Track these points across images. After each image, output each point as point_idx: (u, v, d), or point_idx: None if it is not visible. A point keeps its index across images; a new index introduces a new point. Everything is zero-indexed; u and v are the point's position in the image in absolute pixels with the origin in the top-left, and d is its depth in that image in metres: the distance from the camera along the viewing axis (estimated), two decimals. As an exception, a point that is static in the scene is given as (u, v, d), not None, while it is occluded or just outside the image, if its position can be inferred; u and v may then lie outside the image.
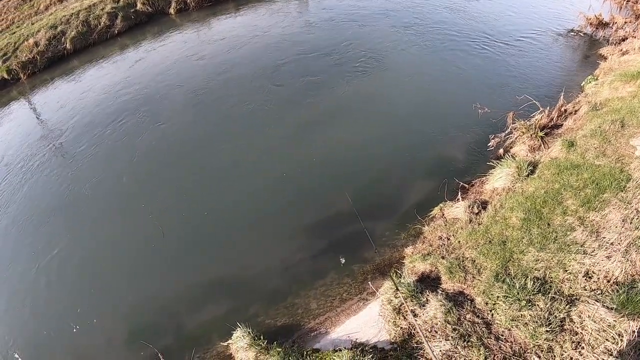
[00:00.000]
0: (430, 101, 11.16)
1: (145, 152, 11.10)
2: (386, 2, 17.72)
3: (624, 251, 5.69)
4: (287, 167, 9.56)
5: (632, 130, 8.05)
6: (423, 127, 10.17)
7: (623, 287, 5.25)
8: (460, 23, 15.37)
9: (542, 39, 13.94)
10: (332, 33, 15.44)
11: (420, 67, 12.71)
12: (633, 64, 11.21)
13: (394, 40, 14.34)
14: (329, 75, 12.67)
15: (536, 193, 7.13)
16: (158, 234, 8.71)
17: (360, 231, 7.53)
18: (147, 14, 20.42)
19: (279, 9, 18.84)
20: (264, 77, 13.06)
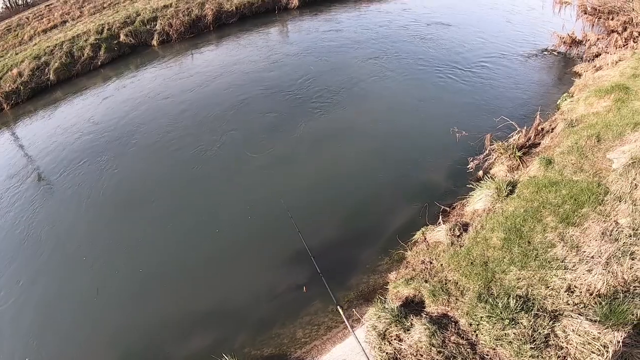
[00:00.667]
0: (408, 129, 11.40)
1: (102, 196, 11.04)
2: (358, 33, 18.58)
3: (605, 263, 5.64)
4: (267, 198, 9.64)
5: (608, 144, 8.22)
6: (402, 155, 10.32)
7: (606, 299, 5.17)
8: (432, 51, 15.96)
9: (516, 61, 14.46)
10: (307, 65, 15.85)
11: (395, 96, 13.05)
12: (607, 79, 11.60)
13: (369, 70, 14.82)
14: (298, 109, 12.94)
15: (516, 212, 7.13)
16: (136, 269, 8.64)
17: (344, 258, 7.62)
18: (130, 46, 20.96)
19: (259, 39, 19.57)
20: (226, 117, 13.20)
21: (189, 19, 21.81)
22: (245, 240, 8.74)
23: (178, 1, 23.09)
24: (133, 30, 21.03)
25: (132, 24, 21.39)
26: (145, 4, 23.75)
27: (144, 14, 22.02)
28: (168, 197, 10.38)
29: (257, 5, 23.49)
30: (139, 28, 21.24)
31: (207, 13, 22.08)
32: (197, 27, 21.91)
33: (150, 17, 21.85)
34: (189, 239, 9.08)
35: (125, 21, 21.58)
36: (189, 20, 21.79)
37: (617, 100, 10.20)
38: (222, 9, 22.53)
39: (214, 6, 22.36)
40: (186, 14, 22.00)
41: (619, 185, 7.15)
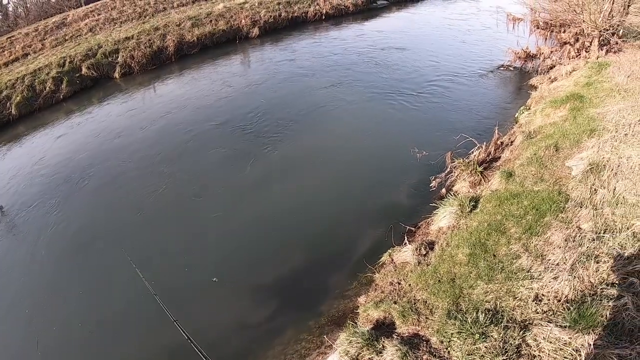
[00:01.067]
0: (368, 153, 11.42)
1: (47, 246, 10.20)
2: (314, 62, 18.76)
3: (570, 269, 5.68)
4: (233, 233, 9.33)
5: (567, 152, 8.39)
6: (364, 180, 10.32)
7: (574, 304, 5.19)
8: (388, 75, 16.26)
9: (473, 79, 14.82)
10: (263, 96, 15.85)
11: (353, 123, 13.12)
12: (562, 89, 11.95)
13: (326, 99, 14.91)
14: (253, 142, 12.77)
15: (480, 227, 7.13)
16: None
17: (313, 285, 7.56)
18: (92, 79, 20.51)
19: (217, 71, 19.52)
20: (175, 155, 12.68)
21: (150, 50, 21.66)
22: (198, 284, 8.38)
23: (140, 33, 22.94)
24: (95, 63, 20.72)
25: (94, 57, 21.07)
26: (107, 36, 23.53)
27: (106, 46, 21.77)
28: (112, 244, 9.62)
29: (218, 36, 23.58)
30: (101, 60, 20.96)
31: (168, 44, 22.01)
32: (159, 59, 21.75)
33: (112, 49, 21.60)
34: (133, 289, 8.14)
35: (87, 54, 21.26)
36: (151, 52, 21.63)
37: (572, 109, 10.48)
38: (183, 39, 22.50)
39: (175, 37, 22.30)
40: (148, 45, 21.86)
41: (579, 191, 7.28)
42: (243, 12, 25.02)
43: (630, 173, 7.46)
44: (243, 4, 26.39)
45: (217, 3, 27.22)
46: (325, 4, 27.47)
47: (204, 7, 26.70)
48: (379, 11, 28.71)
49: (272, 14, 25.47)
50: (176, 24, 23.68)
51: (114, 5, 28.38)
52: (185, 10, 26.77)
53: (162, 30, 23.03)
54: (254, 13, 25.19)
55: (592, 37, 15.57)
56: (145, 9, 27.40)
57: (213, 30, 23.52)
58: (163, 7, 27.80)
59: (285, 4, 26.80)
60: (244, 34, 24.25)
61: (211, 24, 23.92)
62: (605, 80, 12.11)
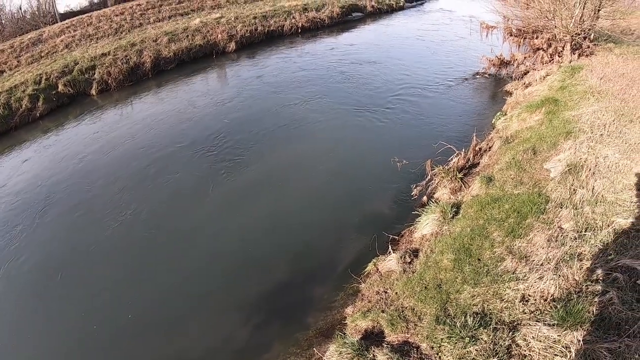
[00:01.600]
0: (348, 165, 11.40)
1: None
2: (289, 77, 18.69)
3: (555, 268, 5.73)
4: (213, 253, 9.08)
5: (544, 155, 8.53)
6: (345, 191, 10.27)
7: (561, 302, 5.24)
8: (364, 88, 16.34)
9: (449, 87, 15.01)
10: (235, 114, 15.56)
11: (332, 136, 13.06)
12: (537, 94, 12.20)
13: (302, 113, 14.77)
14: (240, 154, 12.54)
15: (463, 232, 7.17)
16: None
17: (300, 299, 7.42)
18: (68, 96, 19.97)
19: (191, 87, 19.28)
20: (140, 182, 11.97)
21: (127, 66, 21.36)
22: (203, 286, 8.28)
23: (116, 49, 22.64)
24: (71, 80, 20.27)
25: (71, 73, 20.63)
26: (83, 52, 23.17)
27: (82, 63, 21.38)
28: (70, 279, 9.02)
29: (195, 51, 23.45)
30: (78, 77, 20.55)
31: (145, 60, 21.78)
32: (136, 75, 21.45)
33: (89, 65, 21.22)
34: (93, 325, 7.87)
35: (64, 70, 20.81)
36: (128, 68, 21.33)
37: (548, 113, 10.69)
38: (160, 55, 22.29)
39: (152, 53, 22.09)
40: (124, 61, 21.57)
41: (559, 192, 7.39)
42: (219, 27, 24.96)
43: (607, 172, 7.63)
44: (219, 19, 26.38)
45: (194, 18, 27.16)
46: (301, 17, 27.66)
47: (181, 23, 26.58)
48: (355, 23, 29.06)
49: (248, 28, 25.49)
50: (153, 39, 23.48)
51: (90, 21, 28.03)
52: (162, 25, 26.60)
53: (139, 46, 22.78)
54: (230, 28, 25.16)
55: (564, 42, 15.97)
56: (122, 25, 27.13)
57: (190, 45, 23.40)
58: (139, 23, 27.57)
59: (261, 18, 26.88)
60: (221, 48, 24.19)
61: (188, 39, 23.79)
62: (578, 83, 12.40)
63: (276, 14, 27.84)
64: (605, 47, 16.01)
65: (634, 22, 20.71)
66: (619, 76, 12.52)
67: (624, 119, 9.60)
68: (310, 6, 29.43)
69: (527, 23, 18.49)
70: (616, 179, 7.41)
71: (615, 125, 9.31)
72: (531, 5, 17.83)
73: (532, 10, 17.62)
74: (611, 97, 10.92)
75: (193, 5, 30.92)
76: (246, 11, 28.62)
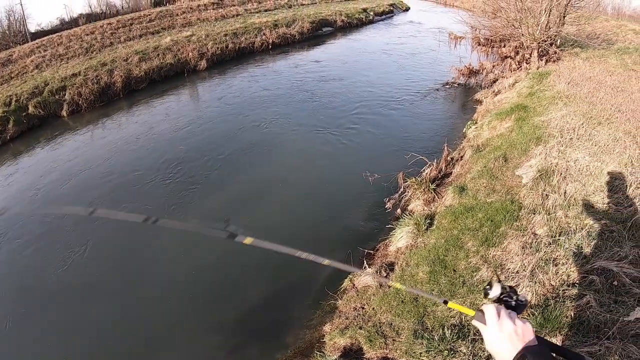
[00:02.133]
0: (320, 181, 11.30)
1: None
2: (266, 94, 18.53)
3: (530, 275, 5.68)
4: (184, 277, 8.78)
5: (516, 162, 8.57)
6: (318, 208, 10.13)
7: (538, 309, 5.16)
8: (332, 104, 16.24)
9: (420, 99, 15.11)
10: (217, 132, 15.33)
11: (305, 149, 12.99)
12: (506, 101, 12.36)
13: (279, 125, 14.71)
14: (204, 178, 12.20)
15: (437, 244, 7.10)
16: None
17: (276, 319, 7.24)
18: (39, 117, 19.30)
19: (166, 107, 18.96)
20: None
21: (98, 87, 20.97)
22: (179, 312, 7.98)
23: (87, 69, 22.24)
24: (42, 101, 19.72)
25: (41, 95, 20.16)
26: (54, 72, 22.67)
27: (53, 84, 20.89)
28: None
29: (165, 69, 23.21)
30: (48, 98, 20.01)
31: (116, 80, 21.43)
32: (107, 95, 21.02)
33: (59, 86, 20.73)
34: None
35: (34, 91, 20.26)
36: (99, 88, 20.93)
37: (518, 120, 10.80)
38: (131, 74, 21.98)
39: (123, 72, 21.77)
40: (95, 81, 21.17)
41: (531, 198, 7.40)
42: (190, 45, 24.84)
43: (579, 175, 7.68)
44: (190, 37, 26.25)
45: (165, 36, 26.96)
46: (271, 33, 27.76)
47: (151, 41, 26.35)
48: (325, 38, 29.31)
49: (219, 45, 25.43)
50: (124, 58, 23.19)
51: (60, 41, 27.51)
52: (133, 44, 26.32)
53: (110, 66, 22.46)
54: (201, 45, 25.06)
55: (531, 49, 16.30)
56: (92, 44, 26.71)
57: (161, 64, 23.18)
58: (110, 42, 27.20)
59: (232, 36, 26.85)
60: (192, 67, 24.04)
61: (159, 57, 23.57)
62: (547, 89, 12.61)
63: (247, 30, 27.87)
64: (572, 52, 16.40)
65: (599, 27, 21.39)
66: (586, 80, 12.79)
67: (593, 121, 9.75)
68: (281, 22, 29.60)
69: (494, 32, 18.89)
70: (587, 181, 7.46)
71: (584, 129, 9.44)
72: (498, 14, 18.21)
73: (499, 19, 18.00)
74: (579, 101, 11.11)
75: (164, 23, 30.74)
76: (217, 29, 28.59)
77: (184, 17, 32.55)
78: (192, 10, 34.88)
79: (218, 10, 35.43)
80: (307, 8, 38.69)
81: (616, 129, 9.21)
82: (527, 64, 16.45)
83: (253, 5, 38.33)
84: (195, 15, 33.48)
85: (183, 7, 35.45)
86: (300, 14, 33.65)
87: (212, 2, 38.17)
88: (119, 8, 41.17)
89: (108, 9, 40.46)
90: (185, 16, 32.97)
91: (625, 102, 10.74)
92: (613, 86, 12.07)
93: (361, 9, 38.33)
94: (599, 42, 17.36)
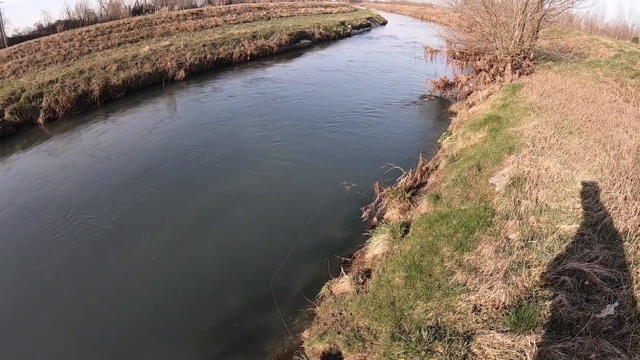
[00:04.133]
0: (295, 191, 11.43)
1: None
2: (241, 104, 18.79)
3: (504, 277, 5.83)
4: (158, 287, 8.65)
5: (489, 171, 8.81)
6: (294, 217, 10.20)
7: (512, 309, 5.31)
8: (308, 116, 16.55)
9: (396, 111, 15.41)
10: (193, 140, 15.39)
11: (282, 160, 13.09)
12: (480, 112, 12.66)
13: (256, 136, 14.82)
14: (181, 186, 12.22)
15: (413, 250, 7.23)
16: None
17: (255, 326, 7.33)
18: (15, 124, 18.92)
19: (143, 116, 18.91)
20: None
21: (75, 94, 20.72)
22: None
23: (64, 76, 21.97)
24: (18, 108, 19.36)
25: (17, 101, 19.78)
26: (31, 79, 22.27)
27: (30, 90, 20.51)
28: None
29: (144, 79, 23.17)
30: (25, 105, 19.63)
31: (93, 88, 21.23)
32: (84, 103, 20.81)
33: (36, 93, 20.39)
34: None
35: (10, 97, 19.89)
36: (76, 96, 20.68)
37: (491, 130, 11.07)
38: (109, 83, 21.82)
39: (100, 81, 21.59)
40: (72, 89, 20.92)
41: (504, 205, 7.60)
42: (169, 55, 24.89)
43: (550, 182, 7.93)
44: (169, 47, 26.29)
45: (143, 46, 26.90)
46: (250, 45, 27.97)
47: (130, 50, 26.26)
48: (303, 50, 29.71)
49: (197, 56, 25.57)
50: (101, 67, 23.03)
51: (38, 47, 27.14)
52: (111, 52, 26.18)
53: (87, 74, 22.27)
54: (179, 55, 25.16)
55: (505, 62, 16.77)
56: (70, 51, 26.41)
57: (139, 73, 23.12)
58: (88, 50, 26.97)
59: (210, 46, 26.99)
60: (170, 76, 24.09)
61: (137, 66, 23.50)
62: (519, 100, 12.97)
63: (225, 41, 28.05)
64: (545, 65, 16.90)
65: (571, 41, 22.10)
66: (558, 92, 13.19)
67: (564, 131, 10.07)
68: (259, 34, 29.86)
69: (469, 46, 19.38)
70: (558, 188, 7.69)
71: (556, 138, 9.75)
72: (473, 28, 18.69)
73: (474, 33, 18.47)
74: (551, 112, 11.45)
75: (142, 32, 30.68)
76: (195, 39, 28.74)
77: (163, 27, 32.58)
78: (171, 19, 34.91)
79: (197, 21, 35.57)
80: (285, 20, 39.19)
81: (587, 137, 9.54)
82: (500, 77, 16.90)
83: (232, 17, 38.60)
84: (175, 25, 33.55)
85: (162, 17, 35.47)
86: (278, 26, 34.06)
87: (192, 13, 38.32)
88: (97, 15, 40.79)
89: (87, 16, 40.04)
90: (164, 25, 33.02)
91: (596, 112, 11.12)
92: (584, 97, 12.48)
93: (339, 22, 38.98)
94: (571, 55, 17.96)
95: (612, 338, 4.69)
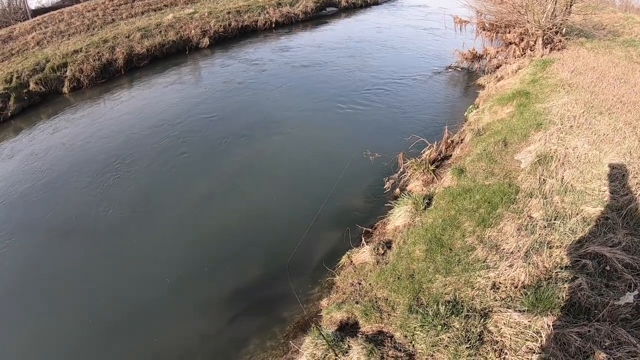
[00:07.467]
0: (321, 159, 11.43)
1: None
2: (269, 71, 18.61)
3: (524, 256, 5.81)
4: (184, 249, 8.95)
5: (515, 147, 8.67)
6: (318, 185, 10.22)
7: (531, 289, 5.32)
8: (335, 83, 16.38)
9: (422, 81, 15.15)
10: (218, 105, 15.46)
11: (303, 131, 13.06)
12: (508, 87, 12.38)
13: (281, 104, 14.77)
14: (212, 150, 12.40)
15: (435, 223, 7.24)
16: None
17: (276, 293, 7.43)
18: (40, 94, 19.37)
19: (169, 84, 18.94)
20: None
21: (99, 63, 20.89)
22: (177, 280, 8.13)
23: (88, 45, 22.11)
24: (43, 78, 19.65)
25: (42, 71, 20.09)
26: (55, 49, 22.52)
27: (54, 60, 20.78)
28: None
29: (168, 47, 23.11)
30: (49, 75, 19.94)
31: (118, 57, 21.34)
32: (108, 72, 20.99)
33: (61, 63, 20.63)
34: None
35: (35, 68, 20.19)
36: (100, 65, 20.85)
37: (519, 106, 10.84)
38: (133, 51, 21.87)
39: (124, 49, 21.66)
40: (97, 58, 21.08)
41: (529, 182, 7.51)
42: (193, 22, 24.68)
43: (577, 162, 7.77)
44: (193, 14, 26.06)
45: (167, 13, 26.77)
46: (274, 12, 27.54)
47: (153, 18, 26.17)
48: (328, 18, 29.09)
49: (222, 23, 25.25)
50: (125, 35, 23.05)
51: (61, 18, 27.27)
52: (135, 21, 26.13)
53: (111, 43, 22.33)
54: (203, 23, 24.90)
55: (536, 37, 16.24)
56: (94, 21, 26.52)
57: (163, 41, 23.04)
58: (112, 19, 27.02)
59: (235, 14, 26.65)
60: (194, 44, 23.94)
61: (161, 34, 23.42)
62: (549, 76, 12.62)
63: (250, 9, 27.63)
64: (577, 41, 16.33)
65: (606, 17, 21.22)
66: (590, 70, 12.78)
67: (594, 110, 9.80)
68: (284, 1, 29.30)
69: (499, 18, 18.77)
70: (585, 168, 7.55)
71: (585, 117, 9.50)
72: (504, 0, 18.10)
73: (505, 5, 17.91)
74: (581, 90, 11.13)
75: (166, 0, 30.44)
76: (220, 6, 28.34)
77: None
78: (195, -13, 34.52)
79: (221, -13, 35.09)
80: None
81: (617, 119, 9.26)
82: (531, 51, 16.40)
83: (257, -17, 37.95)
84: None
85: (186, -16, 35.10)
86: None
87: (216, -21, 37.84)
88: (121, -16, 40.56)
89: (110, -16, 39.87)
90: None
91: (628, 93, 10.75)
92: (616, 77, 12.06)
93: (367, -12, 38.00)
94: (604, 33, 17.27)
95: (629, 327, 4.68)
